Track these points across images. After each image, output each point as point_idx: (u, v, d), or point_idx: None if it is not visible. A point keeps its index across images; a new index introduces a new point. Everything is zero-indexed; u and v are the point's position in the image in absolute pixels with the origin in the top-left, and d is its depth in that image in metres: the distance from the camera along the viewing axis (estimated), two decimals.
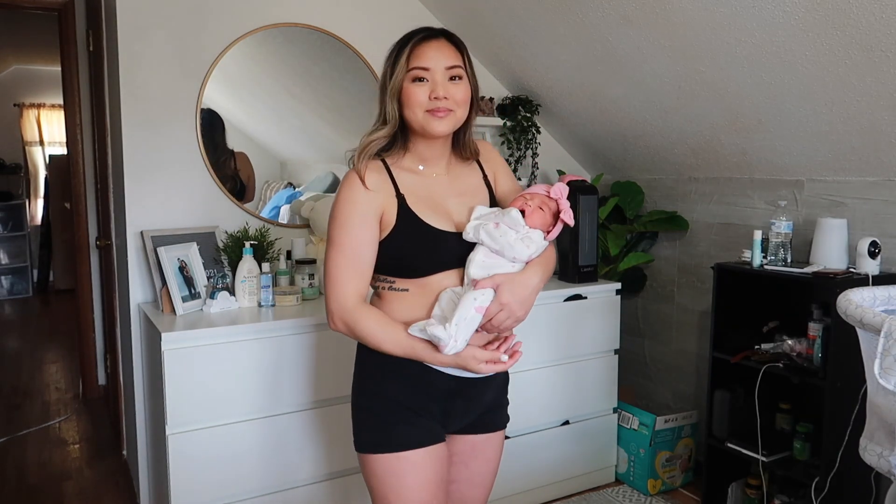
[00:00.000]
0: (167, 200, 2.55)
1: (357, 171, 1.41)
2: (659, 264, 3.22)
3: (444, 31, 1.43)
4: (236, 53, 2.63)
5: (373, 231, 1.39)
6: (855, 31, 1.91)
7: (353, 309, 1.39)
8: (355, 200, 1.38)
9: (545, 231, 1.48)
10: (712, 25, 2.18)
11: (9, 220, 7.15)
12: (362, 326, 1.38)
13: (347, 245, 1.38)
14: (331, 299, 1.40)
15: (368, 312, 1.40)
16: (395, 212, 1.40)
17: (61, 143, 6.69)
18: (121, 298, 2.86)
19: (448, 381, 1.44)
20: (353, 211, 1.38)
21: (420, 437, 1.43)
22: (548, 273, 1.47)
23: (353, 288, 1.39)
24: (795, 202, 2.59)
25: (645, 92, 2.68)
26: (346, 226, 1.39)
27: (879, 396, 1.45)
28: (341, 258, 1.38)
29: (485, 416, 1.56)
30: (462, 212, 1.46)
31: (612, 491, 2.90)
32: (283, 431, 2.24)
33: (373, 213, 1.39)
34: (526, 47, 2.87)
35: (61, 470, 3.12)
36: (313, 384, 2.26)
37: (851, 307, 1.49)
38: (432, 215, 1.42)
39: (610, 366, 2.93)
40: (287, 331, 2.22)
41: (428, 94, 1.38)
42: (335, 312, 1.39)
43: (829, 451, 2.20)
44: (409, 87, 1.38)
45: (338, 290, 1.38)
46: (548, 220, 1.48)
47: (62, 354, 5.08)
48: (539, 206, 1.46)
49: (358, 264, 1.39)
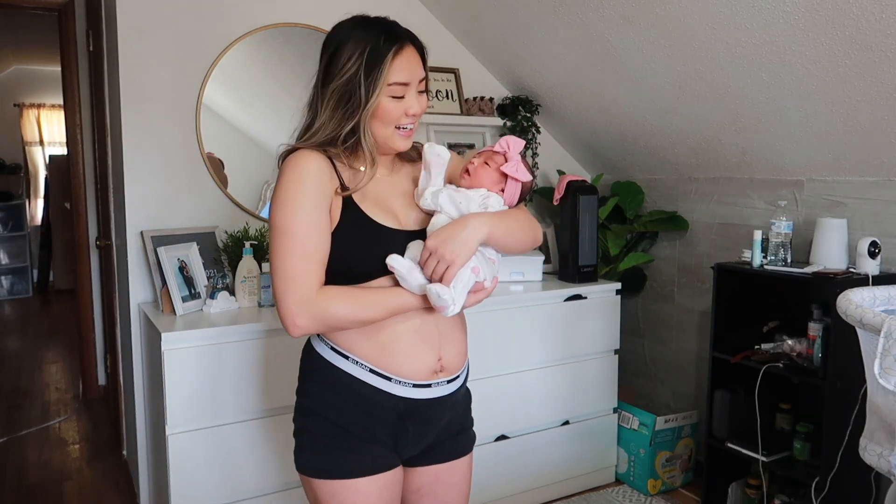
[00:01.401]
0: (167, 200, 2.56)
1: (304, 152, 1.27)
2: (659, 264, 3.22)
3: (411, 35, 1.32)
4: (236, 53, 2.63)
5: (326, 218, 1.25)
6: (855, 31, 1.91)
7: (318, 298, 1.23)
8: (306, 182, 1.23)
9: (499, 191, 1.35)
10: (712, 25, 2.19)
11: (9, 220, 7.16)
12: (334, 309, 1.23)
13: (304, 231, 1.22)
14: (288, 297, 1.22)
15: (332, 291, 1.24)
16: (340, 206, 1.27)
17: (61, 143, 6.70)
18: (121, 298, 2.86)
19: (396, 402, 1.30)
20: (306, 194, 1.23)
21: (367, 465, 1.31)
22: (502, 224, 1.31)
23: (315, 279, 1.23)
24: (795, 202, 2.59)
25: (645, 92, 2.68)
26: (300, 209, 1.22)
27: (879, 396, 1.45)
28: (299, 247, 1.22)
29: (447, 443, 1.43)
30: (407, 211, 1.34)
31: (612, 491, 2.90)
32: (283, 431, 2.24)
33: (325, 197, 1.25)
34: (526, 47, 2.87)
35: (61, 470, 3.12)
36: None
37: (851, 307, 1.49)
38: (378, 212, 1.30)
39: (610, 366, 2.93)
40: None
41: (403, 110, 1.28)
42: (297, 311, 1.22)
43: (829, 451, 2.20)
44: (385, 102, 1.26)
45: (298, 284, 1.21)
46: (496, 177, 1.35)
47: (62, 354, 5.08)
48: (485, 162, 1.35)
49: (318, 252, 1.23)
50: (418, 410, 1.33)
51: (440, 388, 1.35)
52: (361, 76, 1.24)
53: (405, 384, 1.30)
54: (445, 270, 1.23)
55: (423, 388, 1.32)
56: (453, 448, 1.44)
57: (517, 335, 2.66)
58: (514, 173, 1.34)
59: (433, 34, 3.08)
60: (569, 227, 2.84)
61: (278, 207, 1.24)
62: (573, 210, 2.82)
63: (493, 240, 1.30)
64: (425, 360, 1.31)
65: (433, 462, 1.42)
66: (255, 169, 2.75)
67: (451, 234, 1.24)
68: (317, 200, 1.24)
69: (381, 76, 1.24)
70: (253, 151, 2.76)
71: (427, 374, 1.32)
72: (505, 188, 1.35)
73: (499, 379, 2.64)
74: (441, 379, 1.35)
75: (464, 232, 1.24)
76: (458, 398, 1.42)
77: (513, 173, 1.34)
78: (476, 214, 1.28)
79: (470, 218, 1.27)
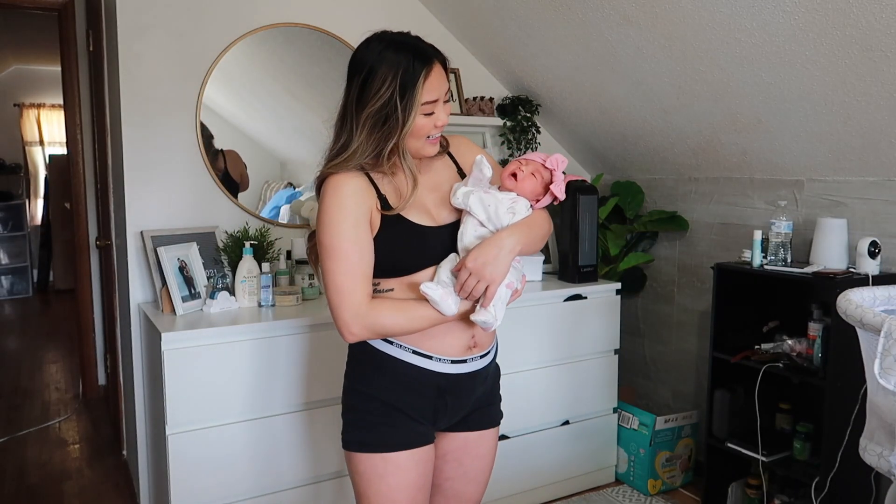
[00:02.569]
0: (167, 200, 2.55)
1: (340, 176, 1.38)
2: (659, 264, 3.22)
3: (437, 52, 1.40)
4: (236, 53, 2.63)
5: (368, 233, 1.38)
6: (855, 31, 1.91)
7: (369, 310, 1.37)
8: (344, 205, 1.36)
9: (533, 200, 1.46)
10: (712, 25, 2.18)
11: (9, 220, 7.15)
12: (383, 321, 1.37)
13: (348, 249, 1.35)
14: (343, 310, 1.36)
15: (382, 305, 1.39)
16: (379, 214, 1.39)
17: (61, 143, 6.69)
18: (121, 298, 2.86)
19: (439, 378, 1.45)
20: (346, 215, 1.36)
21: (406, 440, 1.44)
22: (530, 235, 1.44)
23: (362, 291, 1.37)
24: (795, 202, 2.59)
25: (645, 92, 2.68)
26: (342, 230, 1.35)
27: (879, 396, 1.45)
28: (345, 264, 1.35)
29: (476, 413, 1.56)
30: (439, 206, 1.46)
31: (612, 491, 2.90)
32: (283, 431, 2.24)
33: (363, 215, 1.37)
34: (526, 47, 2.87)
35: (61, 470, 3.12)
36: (313, 384, 2.26)
37: (851, 307, 1.49)
38: (414, 213, 1.41)
39: (610, 366, 2.92)
40: (287, 331, 2.22)
41: (433, 123, 1.38)
42: (351, 322, 1.36)
43: (829, 451, 2.20)
44: (418, 121, 1.36)
45: (349, 299, 1.36)
46: (538, 189, 1.45)
47: (62, 354, 5.08)
48: (532, 173, 1.44)
49: (361, 268, 1.37)
50: (457, 384, 1.47)
51: (475, 362, 1.49)
52: (397, 100, 1.32)
53: (444, 361, 1.44)
54: (486, 289, 1.37)
55: (460, 363, 1.46)
56: (481, 419, 1.57)
57: (517, 335, 2.66)
58: (559, 193, 1.46)
59: (433, 34, 3.05)
60: (569, 227, 2.84)
61: (323, 229, 1.37)
62: (573, 210, 2.82)
63: (521, 252, 1.41)
64: (460, 339, 1.45)
65: (463, 430, 1.55)
66: (256, 169, 2.75)
67: (489, 257, 1.35)
68: (356, 219, 1.35)
69: (416, 98, 1.33)
70: (253, 151, 2.75)
71: (462, 350, 1.46)
72: (541, 199, 1.47)
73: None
74: (475, 355, 1.48)
75: (501, 252, 1.36)
76: (490, 372, 1.56)
77: (558, 193, 1.46)
78: (509, 232, 1.39)
79: (504, 237, 1.38)
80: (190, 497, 2.11)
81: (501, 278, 1.37)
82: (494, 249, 1.36)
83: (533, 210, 1.46)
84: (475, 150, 1.59)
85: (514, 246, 1.38)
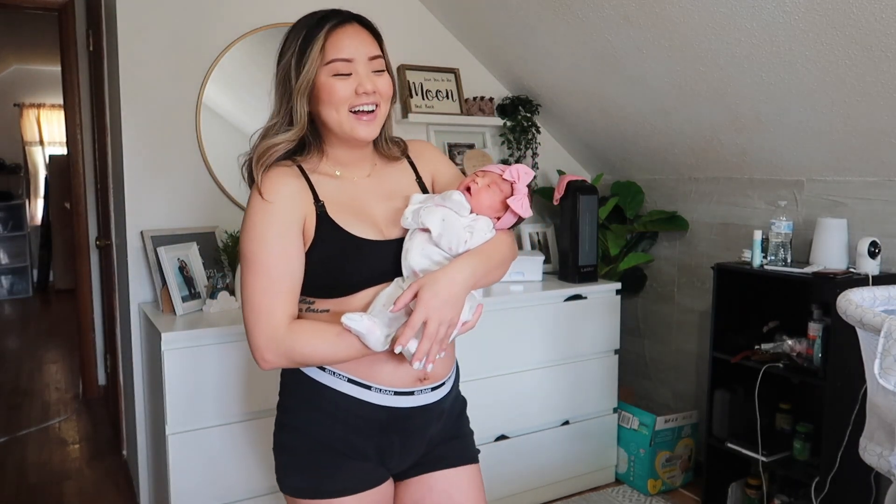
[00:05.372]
0: (167, 200, 2.55)
1: (273, 174, 1.22)
2: (659, 264, 3.22)
3: (356, 15, 1.25)
4: (236, 53, 2.63)
5: (296, 243, 1.19)
6: (855, 31, 1.91)
7: (286, 334, 1.17)
8: (270, 210, 1.18)
9: (494, 218, 1.27)
10: (712, 25, 2.18)
11: (9, 220, 7.16)
12: (302, 348, 1.17)
13: (269, 262, 1.16)
14: (257, 333, 1.17)
15: (303, 329, 1.18)
16: (315, 222, 1.20)
17: (61, 143, 6.69)
18: (121, 298, 2.86)
19: (378, 412, 1.24)
20: (271, 221, 1.17)
21: (351, 483, 1.24)
22: (489, 263, 1.23)
23: (282, 312, 1.17)
24: (795, 202, 2.59)
25: (645, 92, 2.68)
26: (265, 239, 1.17)
27: (879, 396, 1.45)
28: (263, 279, 1.16)
29: (438, 450, 1.33)
30: (389, 217, 1.26)
31: (612, 491, 2.90)
32: None
33: (294, 222, 1.19)
34: (526, 47, 2.87)
35: (61, 470, 3.12)
36: None
37: (851, 307, 1.49)
38: (355, 223, 1.22)
39: (610, 366, 2.93)
40: None
41: (353, 88, 1.19)
42: (265, 347, 1.17)
43: (829, 451, 2.20)
44: (328, 81, 1.19)
45: (265, 320, 1.16)
46: (496, 204, 1.26)
47: (62, 354, 5.08)
48: (488, 185, 1.26)
49: (284, 283, 1.17)
50: (402, 420, 1.26)
51: (424, 395, 1.27)
52: (295, 57, 1.19)
53: (386, 392, 1.23)
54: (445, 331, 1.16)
55: (406, 395, 1.25)
56: (446, 455, 1.34)
57: (517, 335, 2.66)
58: (518, 209, 1.25)
59: (433, 34, 3.08)
60: (569, 227, 2.84)
61: (244, 236, 1.20)
62: (573, 210, 2.82)
63: (476, 285, 1.22)
64: (406, 367, 1.22)
65: (424, 471, 1.32)
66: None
67: (447, 292, 1.15)
68: (282, 227, 1.18)
69: (313, 52, 1.18)
70: None
71: (409, 381, 1.25)
72: (502, 217, 1.27)
73: (499, 379, 2.63)
74: (425, 386, 1.27)
75: (455, 289, 1.16)
76: (447, 406, 1.33)
77: (517, 208, 1.25)
78: (462, 262, 1.19)
79: (456, 270, 1.17)
80: (190, 497, 2.11)
81: (458, 318, 1.18)
82: (449, 285, 1.15)
83: (496, 227, 1.27)
84: (438, 159, 1.41)
85: (468, 279, 1.18)
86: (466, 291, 1.19)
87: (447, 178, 1.37)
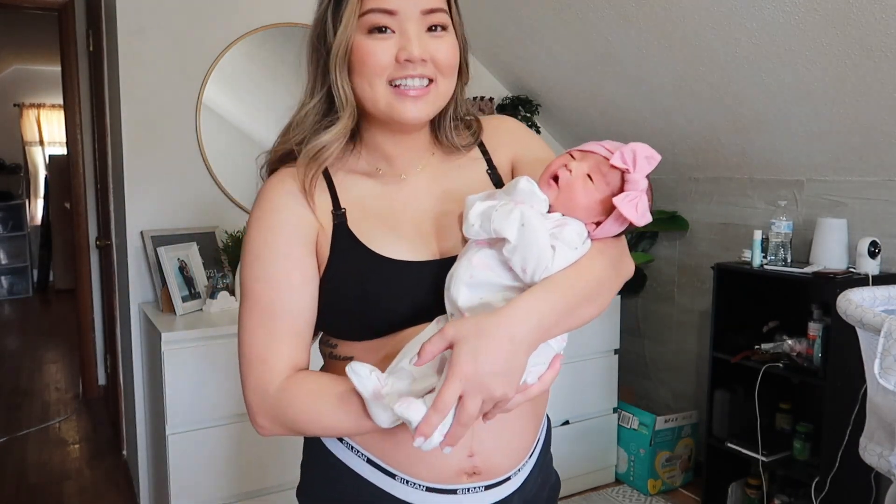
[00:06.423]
0: (167, 200, 2.55)
1: (280, 175, 0.93)
2: (659, 264, 3.22)
3: None
4: (236, 53, 2.63)
5: (304, 268, 0.88)
6: (855, 31, 1.91)
7: (279, 393, 0.85)
8: (270, 224, 0.89)
9: (591, 223, 0.85)
10: (712, 25, 2.18)
11: (9, 220, 7.15)
12: (296, 412, 0.84)
13: (265, 293, 0.87)
14: (247, 387, 0.89)
15: (299, 384, 0.85)
16: (330, 237, 0.89)
17: (61, 143, 6.68)
18: (121, 298, 2.86)
19: None
20: (270, 238, 0.88)
21: None
22: (567, 298, 0.80)
23: (280, 360, 0.87)
24: (795, 202, 2.59)
25: (645, 92, 2.67)
26: (262, 262, 0.88)
27: (879, 396, 1.46)
28: (257, 315, 0.88)
29: None
30: (447, 231, 0.91)
31: (612, 491, 2.90)
32: None
33: (302, 239, 0.88)
34: (526, 47, 2.87)
35: (61, 470, 3.12)
36: None
37: (851, 307, 1.49)
38: (388, 237, 0.89)
39: (610, 366, 2.92)
40: None
41: (394, 53, 0.84)
42: (256, 407, 0.87)
43: (829, 451, 2.19)
44: (361, 42, 0.85)
45: (256, 370, 0.88)
46: (596, 203, 0.83)
47: (62, 354, 5.08)
48: (588, 175, 0.83)
49: (284, 321, 0.87)
50: None
51: (473, 496, 0.87)
52: (331, 8, 0.87)
53: (415, 486, 0.87)
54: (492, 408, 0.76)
55: (445, 494, 0.87)
56: None
57: None
58: (630, 213, 0.80)
59: None
60: None
61: (242, 259, 0.91)
62: None
63: (553, 332, 0.81)
64: (446, 455, 0.79)
65: None
66: (256, 169, 2.75)
67: (498, 357, 0.73)
68: (285, 247, 0.88)
69: (347, 3, 0.85)
70: (253, 151, 2.75)
71: (451, 474, 0.87)
72: (603, 223, 0.84)
73: None
74: (477, 483, 0.88)
75: (507, 347, 0.74)
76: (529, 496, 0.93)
77: (629, 213, 0.80)
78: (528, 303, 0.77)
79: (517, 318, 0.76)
80: (190, 497, 2.11)
81: (514, 391, 0.76)
82: (501, 342, 0.74)
83: (592, 237, 0.85)
84: (521, 137, 1.01)
85: (534, 332, 0.76)
86: (529, 351, 0.77)
87: (532, 164, 0.93)
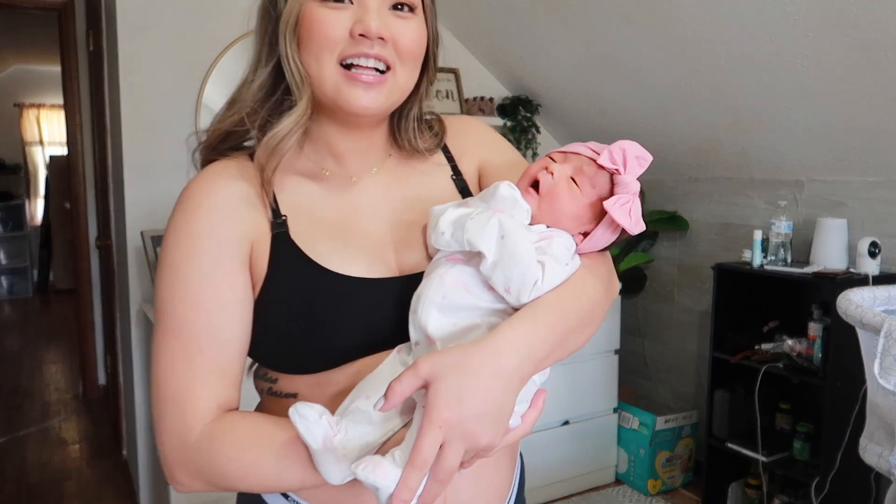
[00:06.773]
0: (167, 200, 2.54)
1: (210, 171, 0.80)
2: (659, 264, 3.22)
3: None
4: (236, 53, 2.63)
5: (235, 286, 0.73)
6: (855, 31, 1.91)
7: (203, 441, 0.70)
8: (196, 231, 0.73)
9: (578, 234, 0.75)
10: (712, 25, 2.18)
11: (9, 220, 7.15)
12: (224, 464, 0.69)
13: (186, 317, 0.71)
14: (161, 432, 0.71)
15: (227, 429, 0.70)
16: (268, 249, 0.74)
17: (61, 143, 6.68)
18: (121, 298, 2.86)
19: None
20: (195, 248, 0.72)
21: None
22: (561, 322, 0.70)
23: (202, 401, 0.71)
24: (795, 202, 2.59)
25: (645, 92, 2.67)
26: (183, 278, 0.72)
27: (879, 396, 1.45)
28: (175, 344, 0.71)
29: None
30: (408, 244, 0.78)
31: (612, 491, 2.90)
32: None
33: (236, 252, 0.73)
34: (526, 47, 2.87)
35: (61, 470, 3.12)
36: None
37: (851, 307, 1.49)
38: (341, 252, 0.75)
39: (610, 366, 2.92)
40: None
41: (349, 26, 0.72)
42: (171, 457, 0.71)
43: (829, 451, 2.19)
44: (312, 9, 0.72)
45: (172, 413, 0.71)
46: (584, 210, 0.74)
47: (62, 354, 5.08)
48: (572, 178, 0.74)
49: (209, 352, 0.71)
50: None
51: None
52: None
53: None
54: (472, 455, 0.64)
55: None
56: None
57: None
58: (622, 218, 0.72)
59: None
60: None
61: (157, 275, 0.75)
62: None
63: (540, 367, 0.70)
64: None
65: None
66: None
67: (474, 401, 0.61)
68: (212, 260, 0.72)
69: None
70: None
71: None
72: (591, 232, 0.75)
73: None
74: None
75: (496, 384, 0.62)
76: None
77: (621, 218, 0.72)
78: (515, 330, 0.66)
79: (504, 351, 0.64)
80: (190, 497, 2.10)
81: (501, 438, 0.64)
82: (488, 380, 0.62)
83: (580, 249, 0.76)
84: (488, 141, 0.90)
85: (525, 363, 0.65)
86: (519, 389, 0.66)
87: (502, 169, 0.84)
